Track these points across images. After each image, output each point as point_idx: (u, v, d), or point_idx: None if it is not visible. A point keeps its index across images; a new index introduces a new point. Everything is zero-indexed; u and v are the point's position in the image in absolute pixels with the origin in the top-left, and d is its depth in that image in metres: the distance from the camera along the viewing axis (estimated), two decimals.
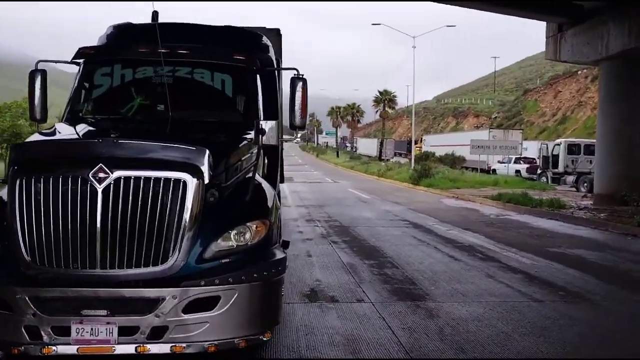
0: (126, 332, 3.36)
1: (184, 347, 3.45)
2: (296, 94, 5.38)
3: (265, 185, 4.54)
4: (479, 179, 26.19)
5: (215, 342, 3.52)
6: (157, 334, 3.40)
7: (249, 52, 5.44)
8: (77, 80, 5.14)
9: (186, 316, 3.44)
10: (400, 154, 55.22)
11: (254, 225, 3.84)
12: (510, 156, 31.28)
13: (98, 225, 3.34)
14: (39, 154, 3.63)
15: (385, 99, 55.81)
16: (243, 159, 4.34)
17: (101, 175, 3.36)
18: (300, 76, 5.54)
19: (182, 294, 3.43)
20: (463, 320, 5.10)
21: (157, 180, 3.46)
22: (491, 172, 32.92)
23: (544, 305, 5.67)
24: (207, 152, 3.67)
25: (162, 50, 4.86)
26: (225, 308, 3.52)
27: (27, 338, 3.31)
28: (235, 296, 3.55)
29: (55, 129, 4.52)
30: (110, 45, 5.58)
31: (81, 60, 5.18)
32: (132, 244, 3.39)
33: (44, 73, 5.22)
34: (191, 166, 3.59)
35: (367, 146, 67.96)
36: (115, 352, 3.34)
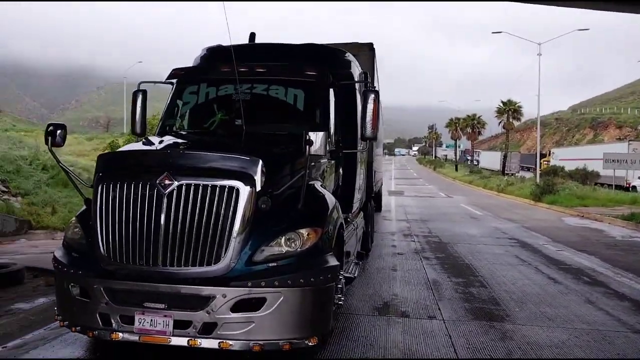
0: (180, 326, 3.70)
1: (231, 344, 3.69)
2: (367, 106, 5.49)
3: (323, 194, 4.68)
4: (613, 197, 23.52)
5: (260, 342, 3.72)
6: (207, 329, 3.69)
7: (322, 68, 5.64)
8: (169, 98, 5.78)
9: (234, 315, 3.69)
10: (527, 169, 51.70)
11: (306, 232, 3.99)
12: None
13: (162, 226, 3.74)
14: (116, 162, 4.18)
15: (509, 109, 52.57)
16: (300, 168, 4.52)
17: (167, 182, 3.77)
18: (372, 89, 5.63)
19: (230, 293, 3.68)
20: (538, 346, 4.70)
21: (213, 187, 3.79)
22: (630, 189, 29.34)
23: None
24: (260, 162, 3.91)
25: (241, 69, 5.30)
26: (271, 310, 3.71)
27: (100, 324, 3.80)
28: (280, 299, 3.72)
29: (142, 141, 5.13)
30: (198, 66, 6.17)
31: (174, 80, 5.82)
32: (190, 245, 3.73)
33: (144, 93, 5.96)
34: (245, 175, 3.86)
35: (489, 160, 64.56)
36: (170, 343, 3.69)
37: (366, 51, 9.36)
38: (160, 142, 4.87)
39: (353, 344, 4.70)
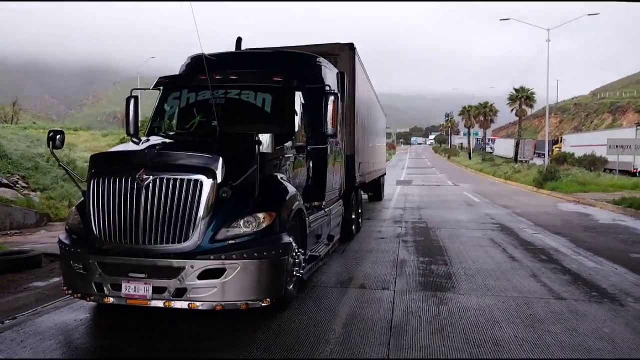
0: (158, 291, 4.67)
1: (198, 305, 4.64)
2: (327, 106, 6.36)
3: (282, 184, 5.57)
4: (615, 182, 23.89)
5: (222, 303, 4.67)
6: (179, 293, 4.66)
7: (287, 74, 6.50)
8: (156, 103, 6.73)
9: (200, 282, 4.64)
10: (542, 155, 51.57)
11: (262, 216, 4.92)
12: None
13: (141, 212, 4.70)
14: (105, 161, 5.15)
15: (521, 96, 52.57)
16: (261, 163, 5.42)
17: (144, 176, 4.72)
18: (331, 91, 6.49)
19: (197, 264, 4.63)
20: (465, 309, 5.55)
21: (182, 180, 4.73)
22: (638, 174, 29.50)
23: (561, 303, 5.78)
24: (220, 159, 4.83)
25: (217, 77, 6.23)
26: (230, 278, 4.65)
27: (95, 290, 4.80)
28: (237, 269, 4.66)
29: (131, 141, 6.09)
30: (180, 75, 7.08)
31: (161, 87, 6.76)
32: (164, 226, 4.69)
33: (136, 98, 6.93)
34: (207, 170, 4.79)
35: (503, 147, 64.49)
36: (150, 305, 4.68)
37: (346, 51, 10.17)
38: (146, 142, 5.81)
39: (314, 308, 5.59)
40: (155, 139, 6.05)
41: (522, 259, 8.35)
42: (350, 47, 10.25)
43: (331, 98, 6.41)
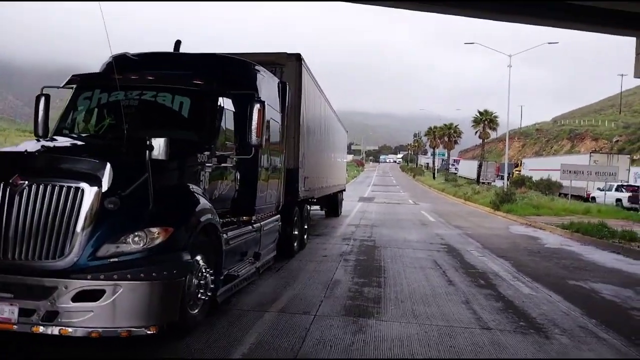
0: (26, 314, 4.07)
1: (70, 331, 4.06)
2: (253, 115, 5.93)
3: (187, 196, 5.07)
4: (567, 207, 24.24)
5: (99, 329, 4.10)
6: (49, 317, 4.07)
7: (209, 78, 6.05)
8: (67, 102, 6.15)
9: (74, 304, 4.07)
10: (503, 177, 52.52)
11: (156, 231, 4.39)
12: (611, 183, 28.41)
13: (12, 222, 4.12)
14: None
15: (485, 119, 53.65)
16: (160, 172, 4.92)
17: (19, 181, 4.16)
18: (257, 98, 6.07)
19: (71, 285, 4.06)
20: (383, 339, 5.14)
21: (60, 187, 4.19)
22: (590, 199, 30.14)
23: (485, 334, 5.44)
24: (108, 165, 4.31)
25: (132, 77, 5.73)
26: (109, 301, 4.10)
27: None
28: (119, 291, 4.11)
29: (25, 143, 5.50)
30: (93, 73, 6.53)
31: (74, 85, 6.19)
32: (37, 240, 4.12)
33: (47, 97, 6.33)
34: (91, 176, 4.26)
35: (467, 168, 65.57)
36: (15, 330, 4.06)
37: (293, 61, 9.81)
38: (44, 144, 5.23)
39: (218, 335, 5.03)
40: (53, 141, 5.48)
41: (459, 283, 8.05)
42: (297, 57, 9.89)
43: (256, 106, 5.99)
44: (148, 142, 4.32)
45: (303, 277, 8.02)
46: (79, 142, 5.60)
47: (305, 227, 11.39)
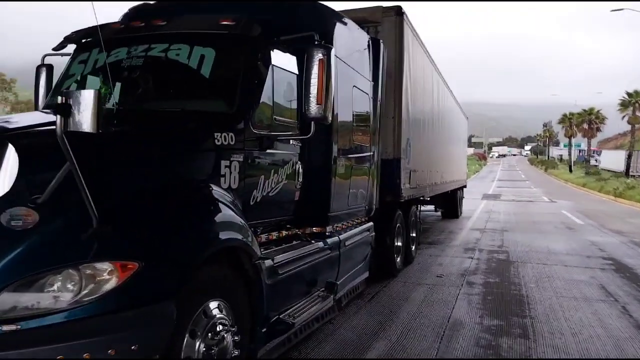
0: None
1: None
2: (312, 68, 3.74)
3: (189, 204, 2.99)
4: None
5: None
6: None
7: (249, 20, 3.93)
8: (63, 70, 4.46)
9: None
10: None
11: (105, 268, 2.37)
12: None
13: None
14: None
15: (635, 101, 45.60)
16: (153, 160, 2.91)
17: None
18: (318, 42, 3.84)
19: None
20: None
21: None
22: None
23: None
24: (11, 146, 2.36)
25: (136, 25, 3.86)
26: None
27: None
28: None
29: None
30: (89, 27, 4.75)
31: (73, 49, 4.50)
32: None
33: (49, 67, 4.77)
34: None
35: (611, 159, 56.73)
36: None
37: (391, 16, 7.37)
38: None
39: None
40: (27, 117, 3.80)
41: None
42: (398, 11, 7.42)
43: (317, 54, 3.74)
44: (62, 100, 2.25)
45: (405, 314, 5.59)
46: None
47: (413, 235, 8.88)
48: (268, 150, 3.86)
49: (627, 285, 7.27)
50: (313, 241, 4.58)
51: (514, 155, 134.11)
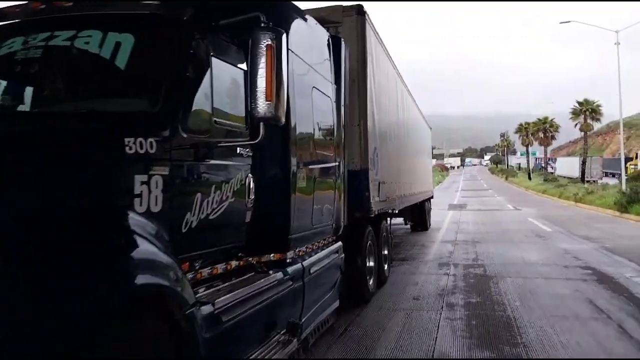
0: None
1: None
2: (258, 58, 2.95)
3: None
4: None
5: None
6: None
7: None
8: None
9: None
10: (612, 175, 45.88)
11: None
12: None
13: None
14: None
15: (586, 109, 46.93)
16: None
17: None
18: (266, 25, 3.07)
19: None
20: None
21: None
22: None
23: None
24: None
25: (39, 7, 3.00)
26: None
27: None
28: None
29: None
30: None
31: None
32: None
33: None
34: None
35: (566, 166, 58.28)
36: None
37: (352, 16, 6.70)
38: None
39: None
40: None
41: None
42: (359, 10, 6.76)
43: (265, 40, 2.96)
44: None
45: (383, 349, 4.82)
46: None
47: (385, 252, 8.15)
48: (206, 161, 3.02)
49: (615, 298, 6.75)
50: (270, 272, 3.75)
51: (474, 165, 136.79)
